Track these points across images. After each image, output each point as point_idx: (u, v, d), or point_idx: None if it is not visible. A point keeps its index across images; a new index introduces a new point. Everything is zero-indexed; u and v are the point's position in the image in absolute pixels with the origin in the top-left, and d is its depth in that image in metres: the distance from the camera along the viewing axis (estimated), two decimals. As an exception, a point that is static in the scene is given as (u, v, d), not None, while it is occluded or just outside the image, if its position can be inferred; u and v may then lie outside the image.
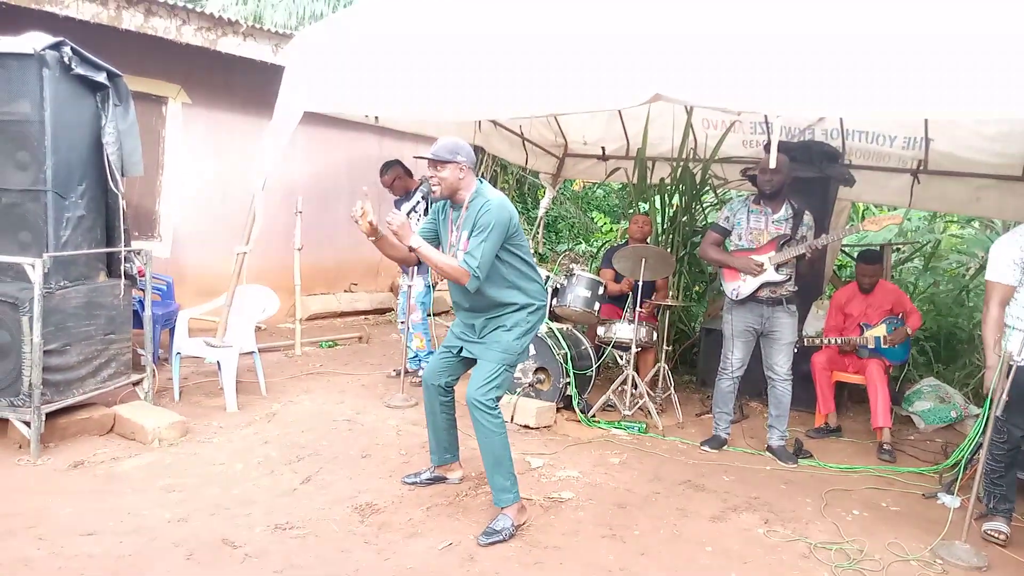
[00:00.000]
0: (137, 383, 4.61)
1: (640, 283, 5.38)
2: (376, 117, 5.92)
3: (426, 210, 4.03)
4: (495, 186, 11.50)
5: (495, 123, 7.21)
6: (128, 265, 4.44)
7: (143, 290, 4.65)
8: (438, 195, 3.38)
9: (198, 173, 6.89)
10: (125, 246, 4.40)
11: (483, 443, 3.37)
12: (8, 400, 3.86)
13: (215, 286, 6.19)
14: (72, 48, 3.96)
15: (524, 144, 7.73)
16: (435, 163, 3.35)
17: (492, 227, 3.27)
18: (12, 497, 3.35)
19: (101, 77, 4.14)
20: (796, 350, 4.84)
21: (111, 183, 4.24)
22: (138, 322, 4.75)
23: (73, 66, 3.95)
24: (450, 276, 3.32)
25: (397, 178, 5.83)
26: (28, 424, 3.81)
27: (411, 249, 3.33)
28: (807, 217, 4.66)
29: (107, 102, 4.21)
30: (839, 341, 5.43)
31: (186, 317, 5.16)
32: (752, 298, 4.67)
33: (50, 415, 3.94)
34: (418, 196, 3.50)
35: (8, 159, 3.93)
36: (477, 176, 3.47)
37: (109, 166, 4.20)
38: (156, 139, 6.53)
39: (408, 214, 3.34)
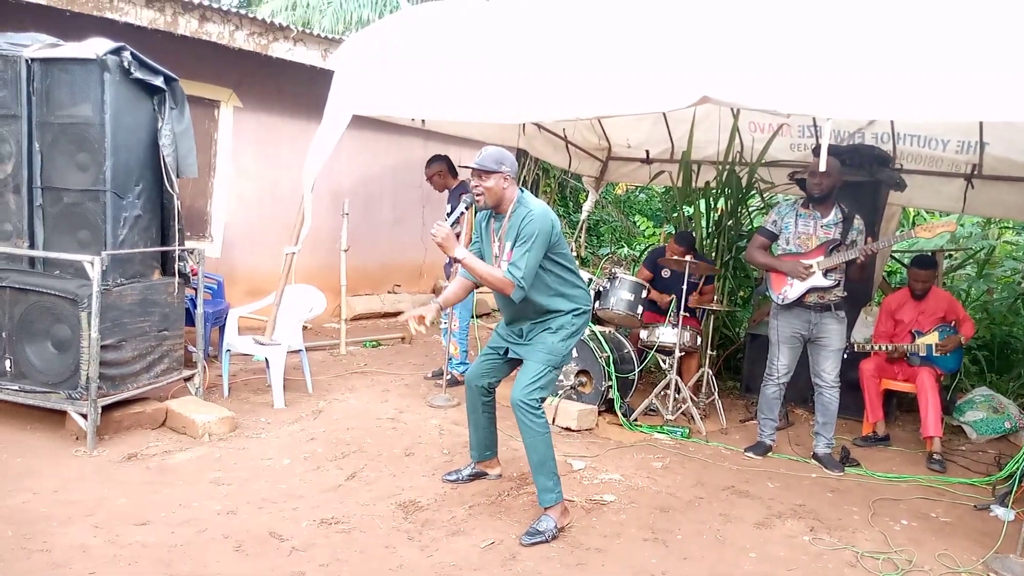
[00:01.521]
0: (188, 379, 4.72)
1: (685, 285, 5.32)
2: (423, 120, 5.98)
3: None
4: (537, 190, 11.62)
5: (539, 126, 7.23)
6: (182, 264, 4.55)
7: (195, 288, 4.77)
8: (481, 203, 3.42)
9: (248, 175, 7.03)
10: (179, 246, 4.52)
11: (528, 443, 3.39)
12: (67, 393, 3.99)
13: (264, 286, 6.32)
14: (131, 53, 4.08)
15: (567, 147, 7.73)
16: (480, 173, 3.38)
17: (536, 237, 3.30)
18: (70, 486, 3.47)
19: (158, 81, 4.25)
20: (845, 357, 4.76)
21: (167, 184, 4.35)
22: (190, 320, 4.87)
23: (132, 70, 4.07)
24: (495, 287, 3.35)
25: (438, 174, 5.87)
26: (85, 416, 3.94)
27: (455, 260, 3.37)
28: (857, 221, 4.58)
29: (163, 105, 4.32)
30: (889, 348, 5.32)
31: (236, 315, 5.27)
32: (799, 303, 4.60)
33: (105, 408, 4.06)
34: (461, 207, 3.52)
35: (69, 160, 4.07)
36: (519, 185, 3.50)
37: (165, 168, 4.31)
38: (208, 142, 6.69)
39: (452, 225, 3.38)
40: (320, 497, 3.58)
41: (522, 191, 3.48)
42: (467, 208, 3.51)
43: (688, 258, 5.36)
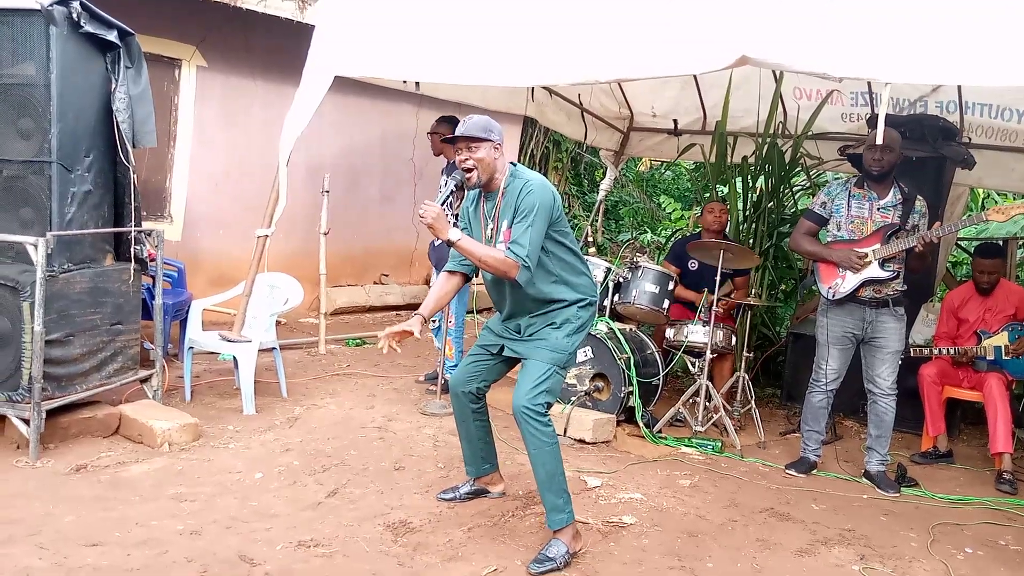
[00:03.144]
0: (145, 380, 4.75)
1: (718, 276, 5.33)
2: (416, 84, 5.98)
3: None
4: (547, 165, 11.60)
5: (551, 91, 7.23)
6: (138, 248, 4.57)
7: (153, 276, 4.80)
8: (474, 181, 3.42)
9: (214, 146, 7.05)
10: (135, 227, 4.54)
11: (534, 456, 3.41)
12: (6, 395, 4.00)
13: (231, 274, 6.35)
14: (81, 3, 4.08)
15: (583, 116, 7.73)
16: (468, 143, 3.38)
17: (536, 209, 3.32)
18: (11, 502, 3.50)
19: (112, 36, 4.26)
20: (902, 361, 4.77)
21: (121, 155, 4.37)
22: (146, 313, 4.90)
23: (82, 23, 4.07)
24: (496, 270, 3.36)
25: (439, 134, 5.84)
26: (27, 422, 3.96)
27: (450, 244, 3.38)
28: (919, 203, 4.59)
29: (118, 64, 4.34)
30: (952, 351, 5.33)
31: (199, 308, 5.30)
32: (852, 298, 4.61)
33: (50, 412, 4.07)
34: (451, 184, 3.52)
35: (9, 127, 4.08)
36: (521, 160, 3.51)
37: (119, 136, 4.33)
38: (168, 107, 6.71)
39: (442, 206, 3.38)
40: (297, 516, 3.61)
41: (514, 164, 3.51)
42: (457, 187, 3.51)
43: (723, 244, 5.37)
